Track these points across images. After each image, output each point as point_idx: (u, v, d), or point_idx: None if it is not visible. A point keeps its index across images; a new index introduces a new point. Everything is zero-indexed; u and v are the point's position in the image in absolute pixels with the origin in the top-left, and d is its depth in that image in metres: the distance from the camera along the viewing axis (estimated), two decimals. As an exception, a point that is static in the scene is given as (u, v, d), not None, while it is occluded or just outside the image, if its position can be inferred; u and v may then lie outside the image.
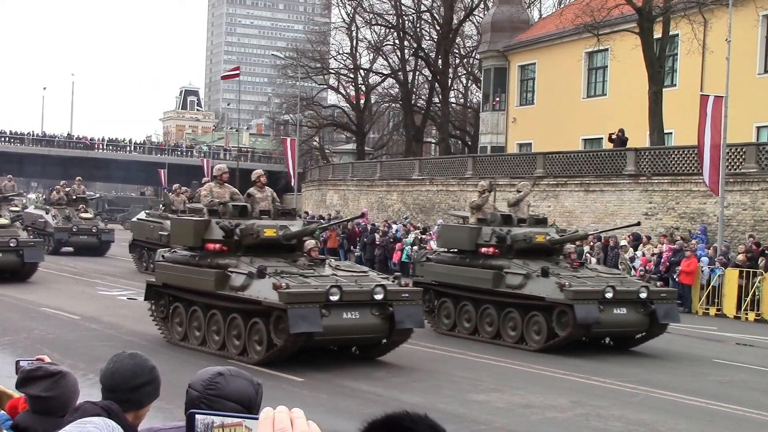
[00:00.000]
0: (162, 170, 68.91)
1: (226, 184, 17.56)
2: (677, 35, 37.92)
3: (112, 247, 38.98)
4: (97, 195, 63.21)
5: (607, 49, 41.52)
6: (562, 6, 55.45)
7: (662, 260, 26.16)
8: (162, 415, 10.35)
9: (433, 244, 33.39)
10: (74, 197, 38.95)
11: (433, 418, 2.17)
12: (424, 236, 35.52)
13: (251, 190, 17.32)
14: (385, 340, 15.72)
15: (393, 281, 15.82)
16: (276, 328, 14.53)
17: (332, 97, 79.23)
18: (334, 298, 14.40)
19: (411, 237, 36.00)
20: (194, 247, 16.48)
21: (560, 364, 16.00)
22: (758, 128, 36.67)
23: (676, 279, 25.22)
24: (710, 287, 24.74)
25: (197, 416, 2.32)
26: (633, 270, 26.16)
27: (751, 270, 24.04)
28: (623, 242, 28.01)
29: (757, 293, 23.73)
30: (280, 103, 77.16)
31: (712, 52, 34.65)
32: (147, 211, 35.91)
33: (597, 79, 46.03)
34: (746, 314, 23.79)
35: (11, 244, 26.37)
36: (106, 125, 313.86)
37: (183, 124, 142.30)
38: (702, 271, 24.89)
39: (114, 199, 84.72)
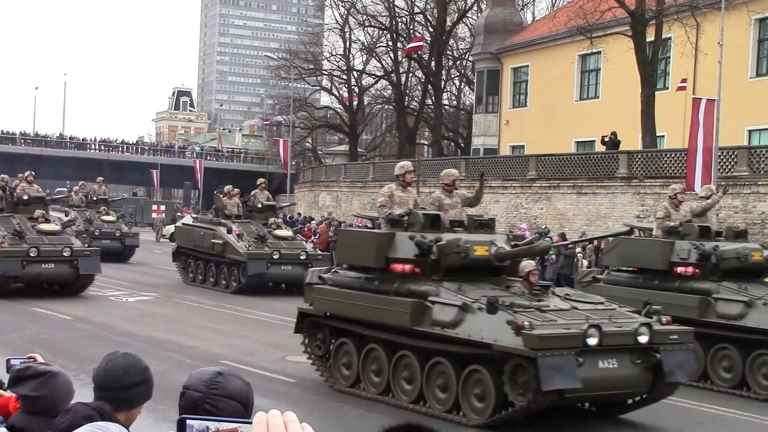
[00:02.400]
0: (154, 171, 68.84)
1: (409, 187, 14.10)
2: (670, 38, 37.97)
3: (137, 252, 36.45)
4: (121, 196, 59.69)
5: (600, 52, 41.55)
6: (555, 9, 55.53)
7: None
8: (153, 416, 10.33)
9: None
10: (95, 199, 36.20)
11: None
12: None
13: (437, 194, 13.89)
14: (644, 396, 12.34)
15: (653, 318, 12.12)
16: (513, 381, 11.12)
17: (325, 99, 79.31)
18: (593, 342, 11.10)
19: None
20: (373, 267, 13.14)
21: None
22: (750, 131, 36.76)
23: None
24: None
25: (189, 422, 2.30)
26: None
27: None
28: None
29: None
30: (273, 104, 77.14)
31: (704, 54, 34.72)
32: (194, 215, 33.08)
33: (590, 81, 46.08)
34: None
35: (65, 254, 23.36)
36: (99, 125, 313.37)
37: (176, 124, 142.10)
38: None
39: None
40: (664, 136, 38.15)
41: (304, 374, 14.71)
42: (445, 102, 67.16)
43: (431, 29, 61.70)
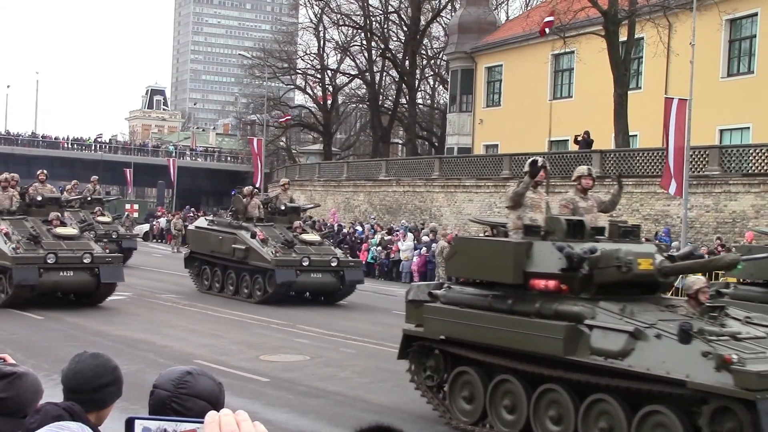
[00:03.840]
0: (128, 170, 68.48)
1: (539, 187, 11.70)
2: (642, 38, 38.18)
3: (134, 255, 34.09)
4: (116, 197, 57.02)
5: (573, 52, 41.77)
6: (529, 8, 55.76)
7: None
8: (125, 415, 10.31)
9: (401, 245, 33.55)
10: (89, 198, 33.42)
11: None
12: (389, 237, 35.60)
13: (571, 195, 11.77)
14: None
15: None
16: (715, 427, 8.98)
17: (299, 98, 79.15)
18: None
19: (377, 237, 36.06)
20: (507, 284, 10.93)
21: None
22: (721, 131, 37.06)
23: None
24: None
25: (143, 423, 2.31)
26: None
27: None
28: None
29: None
30: (247, 103, 76.97)
31: (677, 55, 34.96)
32: (208, 218, 29.99)
33: (563, 81, 46.29)
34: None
35: (85, 261, 21.22)
36: (71, 124, 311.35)
37: (149, 123, 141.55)
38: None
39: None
40: (636, 135, 38.40)
41: (278, 373, 14.71)
42: (420, 101, 67.30)
43: (405, 28, 61.79)
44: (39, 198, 23.34)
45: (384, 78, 65.32)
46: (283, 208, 26.37)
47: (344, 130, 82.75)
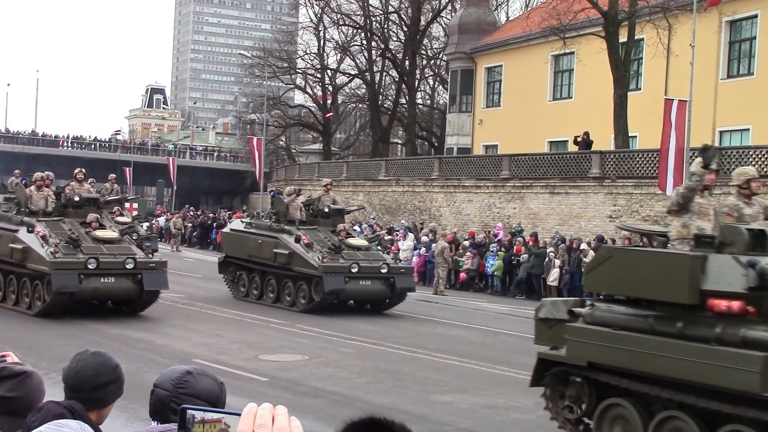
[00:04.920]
0: (127, 168, 68.45)
1: (707, 191, 10.08)
2: (642, 39, 38.19)
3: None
4: (136, 196, 54.25)
5: (573, 53, 41.77)
6: (529, 9, 55.78)
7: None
8: (125, 415, 10.32)
9: (401, 245, 33.54)
10: (107, 198, 29.64)
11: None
12: (389, 237, 35.58)
13: (733, 200, 10.15)
14: None
15: None
16: None
17: (299, 97, 79.14)
18: None
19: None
20: (677, 303, 9.19)
21: (524, 366, 16.06)
22: (721, 132, 37.08)
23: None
24: None
25: (189, 411, 2.37)
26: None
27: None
28: (584, 246, 28.20)
29: None
30: (247, 102, 76.96)
31: (676, 56, 34.97)
32: (245, 220, 27.78)
33: (563, 81, 46.29)
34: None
35: (127, 266, 19.84)
36: (71, 122, 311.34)
37: (149, 122, 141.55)
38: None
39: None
40: (636, 136, 38.41)
41: (277, 373, 14.72)
42: (419, 101, 67.28)
43: (405, 28, 61.78)
44: (76, 198, 21.74)
45: (384, 78, 65.34)
46: (326, 210, 24.60)
47: (344, 130, 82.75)
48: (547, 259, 28.21)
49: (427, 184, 42.64)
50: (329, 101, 65.73)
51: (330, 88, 66.23)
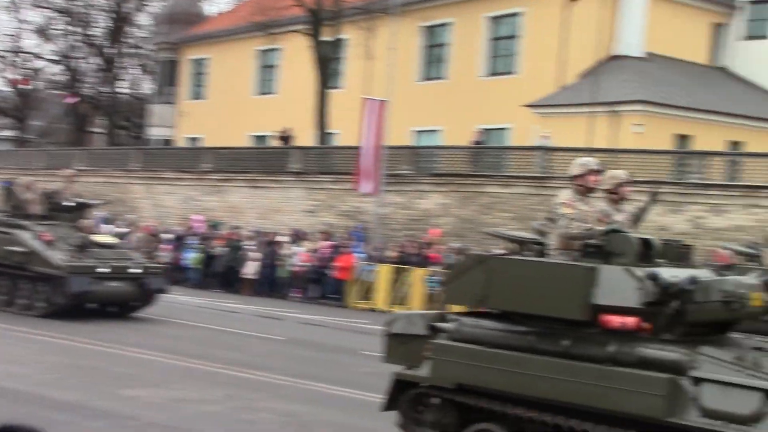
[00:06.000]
0: None
1: (590, 193, 9.13)
2: (345, 39, 39.22)
3: None
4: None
5: (278, 49, 42.20)
6: (238, 3, 55.76)
7: (321, 256, 26.92)
8: None
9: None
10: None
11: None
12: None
13: (602, 206, 9.08)
14: None
15: None
16: None
17: (-7, 81, 74.76)
18: None
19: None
20: (567, 320, 8.24)
21: (219, 359, 16.00)
22: (416, 132, 38.74)
23: (333, 275, 26.08)
24: (364, 282, 25.78)
25: None
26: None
27: (403, 266, 25.28)
28: (282, 238, 28.52)
29: (405, 288, 24.99)
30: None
31: (376, 58, 36.12)
32: None
33: (268, 77, 46.65)
34: (395, 308, 24.92)
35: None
36: None
37: None
38: (357, 267, 25.87)
39: None
40: (337, 133, 39.34)
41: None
42: (122, 90, 65.44)
43: (110, 15, 59.93)
44: (70, 203, 21.43)
45: (85, 65, 63.01)
46: (68, 204, 21.94)
47: (42, 117, 79.02)
48: (244, 252, 28.27)
49: (126, 175, 41.51)
50: (26, 86, 62.56)
51: (27, 72, 63.07)
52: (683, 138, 34.09)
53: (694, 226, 24.51)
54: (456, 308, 9.97)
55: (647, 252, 8.29)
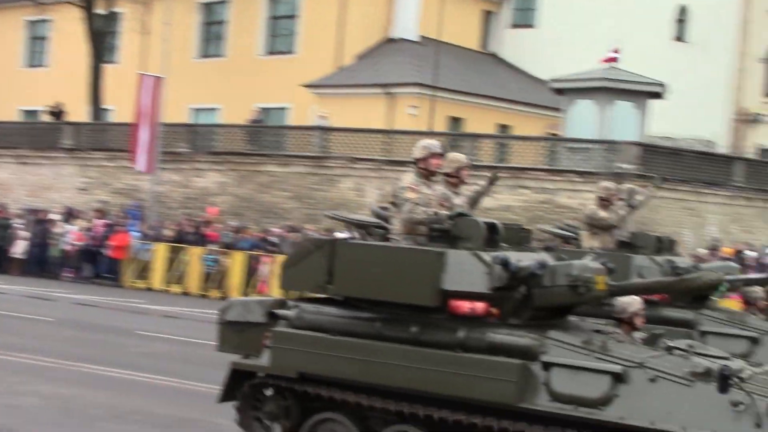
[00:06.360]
0: None
1: (433, 177, 8.79)
2: (120, 13, 38.24)
3: None
4: None
5: (49, 20, 40.64)
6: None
7: (94, 235, 26.23)
8: None
9: None
10: None
11: None
12: None
13: (442, 189, 8.89)
14: None
15: None
16: None
17: None
18: None
19: None
20: (414, 306, 8.04)
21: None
22: (193, 110, 38.30)
23: (108, 254, 25.52)
24: (140, 262, 25.33)
25: None
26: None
27: (180, 245, 25.01)
28: (54, 216, 27.60)
29: (182, 267, 24.76)
30: None
31: (152, 33, 35.39)
32: None
33: (38, 49, 44.80)
34: (172, 287, 24.70)
35: None
36: None
37: None
38: (133, 246, 25.39)
39: None
40: (113, 109, 38.33)
41: None
42: None
43: None
44: None
45: None
46: None
47: None
48: (13, 230, 27.15)
49: None
50: None
51: None
52: (456, 120, 35.34)
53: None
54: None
55: (492, 236, 8.12)
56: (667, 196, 24.42)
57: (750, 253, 22.01)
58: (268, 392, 8.79)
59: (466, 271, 7.74)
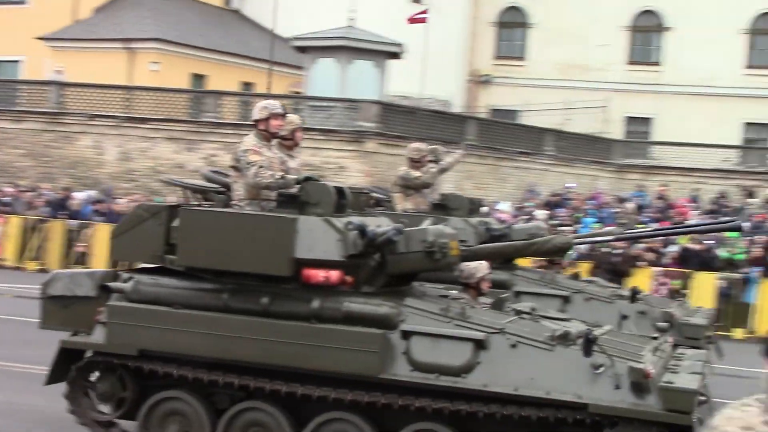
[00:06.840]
0: None
1: (273, 140, 8.37)
2: None
3: None
4: None
5: None
6: None
7: None
8: None
9: None
10: None
11: None
12: None
13: (275, 151, 8.40)
14: None
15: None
16: None
17: None
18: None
19: None
20: (264, 276, 7.57)
21: None
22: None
23: None
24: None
25: None
26: None
27: (38, 219, 22.53)
28: None
29: (39, 243, 22.44)
30: None
31: None
32: None
33: None
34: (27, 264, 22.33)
35: None
36: None
37: None
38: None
39: None
40: None
41: None
42: None
43: None
44: None
45: None
46: None
47: None
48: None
49: None
50: None
51: None
52: (199, 77, 35.00)
53: (209, 164, 25.29)
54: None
55: (341, 202, 7.77)
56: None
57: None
58: (99, 372, 8.14)
59: (318, 239, 7.38)
